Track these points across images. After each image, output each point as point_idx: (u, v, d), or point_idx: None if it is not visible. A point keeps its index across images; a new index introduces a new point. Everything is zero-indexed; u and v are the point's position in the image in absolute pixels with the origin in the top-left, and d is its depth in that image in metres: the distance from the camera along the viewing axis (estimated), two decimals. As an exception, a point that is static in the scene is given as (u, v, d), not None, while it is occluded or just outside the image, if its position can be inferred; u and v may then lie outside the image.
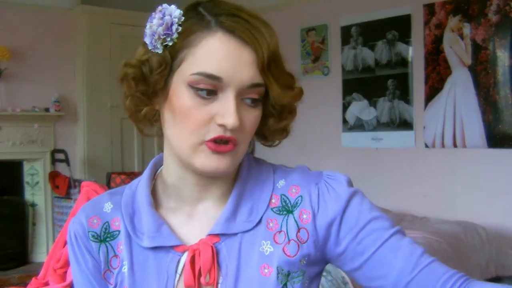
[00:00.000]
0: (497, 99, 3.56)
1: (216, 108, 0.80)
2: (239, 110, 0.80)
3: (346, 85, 4.44)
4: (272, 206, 0.87)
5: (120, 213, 0.90)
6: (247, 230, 0.86)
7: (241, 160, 0.87)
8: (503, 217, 3.51)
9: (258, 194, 0.88)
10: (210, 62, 0.79)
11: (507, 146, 3.52)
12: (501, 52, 3.54)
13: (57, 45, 4.89)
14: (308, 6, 4.66)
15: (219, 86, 0.79)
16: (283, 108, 0.86)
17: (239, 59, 0.80)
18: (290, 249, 0.85)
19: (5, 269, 4.45)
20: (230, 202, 0.87)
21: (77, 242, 0.90)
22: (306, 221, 0.85)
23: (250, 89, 0.81)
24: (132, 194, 0.92)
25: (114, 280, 0.88)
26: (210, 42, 0.80)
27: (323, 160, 4.33)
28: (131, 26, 5.13)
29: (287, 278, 0.84)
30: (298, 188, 0.88)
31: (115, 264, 0.89)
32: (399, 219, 3.60)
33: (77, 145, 5.06)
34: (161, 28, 0.80)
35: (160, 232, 0.86)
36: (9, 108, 4.59)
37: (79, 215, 0.92)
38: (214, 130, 0.80)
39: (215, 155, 0.81)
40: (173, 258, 0.86)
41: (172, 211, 0.90)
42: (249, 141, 0.86)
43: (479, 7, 3.61)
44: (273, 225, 0.86)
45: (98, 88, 4.99)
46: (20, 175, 4.91)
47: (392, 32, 4.14)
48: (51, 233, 4.86)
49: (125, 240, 0.88)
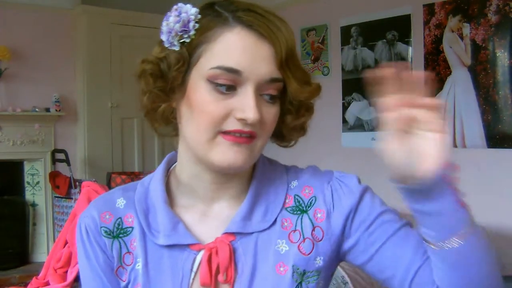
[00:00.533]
0: (496, 99, 3.56)
1: (234, 103, 0.80)
2: (258, 105, 0.80)
3: (346, 85, 4.44)
4: (286, 206, 0.89)
5: (133, 209, 0.89)
6: (263, 229, 0.87)
7: (258, 158, 0.87)
8: (503, 217, 3.51)
9: (273, 195, 0.89)
10: (228, 56, 0.79)
11: (507, 146, 3.53)
12: (500, 52, 3.54)
13: (57, 45, 4.90)
14: (308, 6, 4.66)
15: (238, 80, 0.79)
16: (300, 105, 0.86)
17: (258, 53, 0.80)
18: (305, 247, 0.86)
19: (5, 269, 4.45)
20: (246, 201, 0.87)
21: (88, 237, 0.89)
22: (320, 220, 0.87)
23: (269, 84, 0.81)
24: (145, 191, 0.91)
25: (127, 277, 0.88)
26: (228, 37, 0.80)
27: (323, 160, 4.33)
28: (131, 26, 5.15)
29: (302, 277, 0.85)
30: (311, 189, 0.89)
31: (128, 260, 0.88)
32: (399, 219, 3.60)
33: (78, 145, 5.06)
34: (178, 25, 0.81)
35: (176, 231, 0.86)
36: (10, 108, 4.59)
37: (90, 209, 0.91)
38: (232, 123, 0.80)
39: (232, 148, 0.81)
40: (189, 256, 0.86)
41: (185, 209, 0.90)
42: (267, 139, 0.85)
43: (479, 7, 3.62)
44: (287, 225, 0.87)
45: (98, 88, 5.00)
46: (21, 175, 4.91)
47: (392, 32, 4.14)
48: (52, 233, 4.86)
49: (140, 237, 0.87)
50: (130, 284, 0.87)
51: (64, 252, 3.84)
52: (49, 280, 3.80)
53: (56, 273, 3.81)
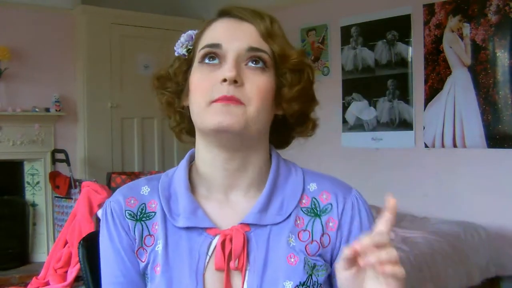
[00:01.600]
0: (496, 99, 3.56)
1: (219, 73, 0.88)
2: (242, 71, 0.89)
3: (346, 85, 4.45)
4: (302, 205, 0.94)
5: (157, 196, 0.96)
6: (277, 223, 0.92)
7: (255, 126, 0.90)
8: (503, 217, 3.51)
9: (289, 190, 0.95)
10: (212, 36, 0.92)
11: (506, 146, 3.53)
12: (500, 52, 3.54)
13: (57, 45, 4.89)
14: (308, 6, 4.67)
15: (220, 53, 0.90)
16: (291, 73, 0.92)
17: (237, 30, 0.91)
18: (312, 248, 0.92)
19: (5, 269, 4.45)
20: (263, 195, 0.93)
21: (113, 220, 0.96)
22: (331, 229, 0.93)
23: (250, 52, 0.89)
24: (169, 180, 0.98)
25: (146, 257, 0.93)
26: (212, 27, 0.94)
27: (323, 160, 4.34)
28: (131, 26, 5.15)
29: (312, 270, 0.90)
30: (329, 195, 0.95)
31: (149, 242, 0.94)
32: (399, 219, 3.60)
33: (78, 145, 5.06)
34: (184, 38, 0.97)
35: (195, 214, 0.92)
36: (10, 108, 4.59)
37: (116, 195, 0.98)
38: (218, 90, 0.88)
39: (222, 109, 0.87)
40: (205, 239, 0.91)
41: (205, 198, 0.96)
42: (260, 108, 0.89)
43: (479, 7, 3.62)
44: (300, 223, 0.93)
45: (98, 88, 5.00)
46: (21, 175, 4.91)
47: (392, 32, 4.15)
48: (52, 233, 4.86)
49: (161, 221, 0.94)
50: (150, 264, 0.93)
51: (64, 252, 3.85)
52: (49, 280, 3.81)
53: (56, 273, 3.81)
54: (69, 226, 3.91)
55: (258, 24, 0.91)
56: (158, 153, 5.42)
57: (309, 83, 0.95)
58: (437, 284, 2.88)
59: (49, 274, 3.83)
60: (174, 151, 5.47)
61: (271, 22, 0.92)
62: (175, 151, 5.47)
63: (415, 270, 2.79)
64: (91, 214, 3.85)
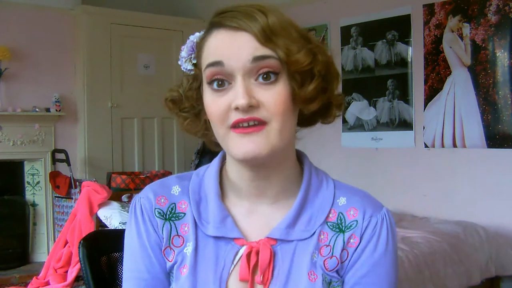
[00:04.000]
0: (496, 99, 3.56)
1: (230, 97, 0.84)
2: (253, 89, 0.83)
3: (346, 85, 4.45)
4: (328, 220, 0.93)
5: (187, 197, 0.96)
6: (303, 238, 0.91)
7: (283, 143, 0.87)
8: (503, 217, 3.51)
9: (318, 205, 0.93)
10: (210, 55, 0.87)
11: (506, 146, 3.53)
12: (500, 52, 3.54)
13: (57, 45, 4.90)
14: (308, 6, 4.67)
15: (225, 72, 0.84)
16: (302, 73, 0.86)
17: (234, 42, 0.84)
18: (330, 263, 0.91)
19: (5, 269, 4.45)
20: (293, 209, 0.92)
21: (142, 217, 0.95)
22: (351, 246, 0.92)
23: (255, 63, 0.83)
24: (199, 181, 0.97)
25: (174, 257, 0.94)
26: (209, 42, 0.88)
27: (323, 160, 4.32)
28: (131, 26, 5.15)
29: (329, 286, 0.90)
30: (356, 211, 0.93)
31: (178, 243, 0.94)
32: (399, 219, 3.61)
33: (78, 145, 5.06)
34: (185, 52, 0.93)
35: (224, 224, 0.92)
36: (10, 108, 4.59)
37: (146, 192, 0.97)
38: (233, 115, 0.84)
39: (242, 139, 0.84)
40: (232, 249, 0.92)
41: (234, 204, 0.95)
42: (283, 121, 0.85)
43: (479, 7, 3.62)
44: (323, 238, 0.92)
45: (98, 88, 5.00)
46: (21, 175, 4.91)
47: (391, 32, 4.15)
48: (52, 233, 4.86)
49: (192, 224, 0.94)
50: (177, 265, 0.93)
51: (64, 252, 3.85)
52: (49, 280, 3.81)
53: (56, 273, 3.81)
54: (69, 226, 3.92)
55: (253, 30, 0.83)
56: (158, 153, 5.42)
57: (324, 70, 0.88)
58: (437, 284, 2.88)
59: (49, 274, 3.83)
60: (174, 151, 5.48)
61: (268, 18, 0.84)
62: (175, 151, 5.47)
63: (415, 270, 2.79)
64: (91, 214, 3.85)
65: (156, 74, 5.22)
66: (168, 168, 5.29)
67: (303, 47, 0.85)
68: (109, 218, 3.81)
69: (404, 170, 4.07)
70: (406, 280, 2.68)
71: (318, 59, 0.87)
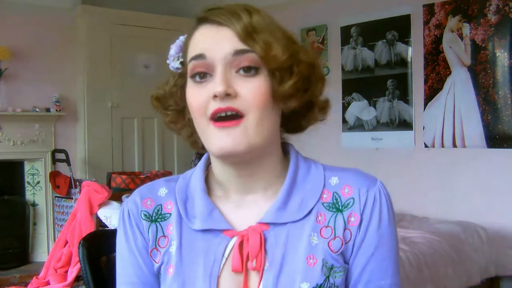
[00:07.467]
0: (496, 99, 3.56)
1: (211, 87, 0.85)
2: (232, 80, 0.84)
3: (346, 85, 4.45)
4: (323, 201, 0.91)
5: (173, 197, 0.96)
6: (296, 220, 0.89)
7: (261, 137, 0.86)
8: (503, 217, 3.51)
9: (309, 186, 0.92)
10: (195, 48, 0.88)
11: (506, 146, 3.53)
12: (500, 52, 3.55)
13: (57, 45, 4.90)
14: (308, 6, 4.67)
15: (207, 65, 0.85)
16: (281, 70, 0.86)
17: (217, 36, 0.86)
18: (335, 245, 0.89)
19: (5, 269, 4.45)
20: (282, 192, 0.90)
21: (129, 221, 0.96)
22: (353, 224, 0.90)
23: (236, 56, 0.84)
24: (186, 183, 0.97)
25: (160, 258, 0.93)
26: (194, 35, 0.90)
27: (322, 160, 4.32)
28: (131, 26, 5.15)
29: (330, 271, 0.88)
30: (351, 189, 0.92)
31: (163, 243, 0.94)
32: (399, 219, 3.61)
33: (78, 145, 5.06)
34: (173, 50, 0.93)
35: (212, 216, 0.91)
36: (10, 108, 4.59)
37: (134, 196, 0.98)
38: (212, 105, 0.85)
39: (220, 134, 0.84)
40: (222, 241, 0.90)
41: (221, 199, 0.94)
42: (260, 115, 0.85)
43: (479, 8, 3.62)
44: (321, 219, 0.90)
45: (98, 88, 5.00)
46: (21, 175, 4.92)
47: (391, 32, 4.15)
48: (52, 233, 4.87)
49: (176, 222, 0.93)
50: (163, 265, 0.93)
51: (64, 252, 3.85)
52: (49, 280, 3.81)
53: (57, 273, 3.81)
54: (69, 226, 3.92)
55: (234, 26, 0.84)
56: (158, 153, 5.42)
57: (306, 70, 0.89)
58: (437, 284, 2.88)
59: (50, 274, 3.83)
60: (174, 151, 5.48)
61: (251, 17, 0.85)
62: (175, 151, 5.47)
63: (415, 270, 2.79)
64: (91, 214, 3.85)
65: (156, 74, 5.21)
66: (168, 168, 5.29)
67: (285, 46, 0.86)
68: (109, 218, 3.81)
69: (404, 170, 4.07)
70: (406, 280, 2.68)
71: (299, 59, 0.87)
